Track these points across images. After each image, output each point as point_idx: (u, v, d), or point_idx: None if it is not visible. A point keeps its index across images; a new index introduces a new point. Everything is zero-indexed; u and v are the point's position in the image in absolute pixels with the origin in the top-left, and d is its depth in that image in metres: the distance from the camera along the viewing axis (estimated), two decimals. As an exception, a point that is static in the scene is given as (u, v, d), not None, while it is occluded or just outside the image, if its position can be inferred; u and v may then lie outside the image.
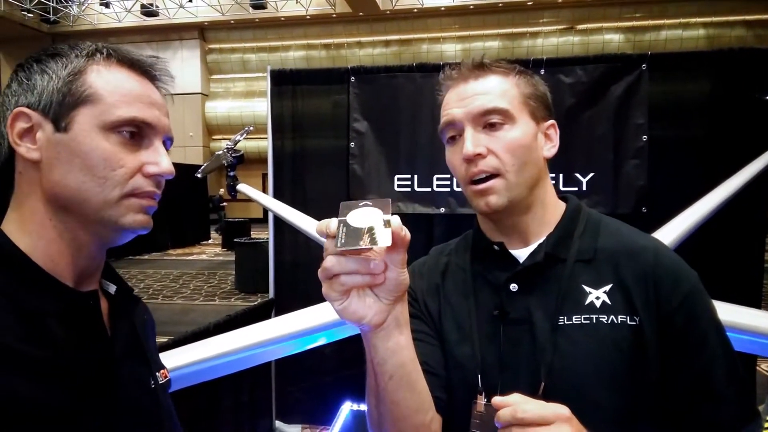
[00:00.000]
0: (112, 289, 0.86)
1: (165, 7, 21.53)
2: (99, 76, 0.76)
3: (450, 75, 0.99)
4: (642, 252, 0.91)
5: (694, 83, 3.06)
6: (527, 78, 0.99)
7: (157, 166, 0.77)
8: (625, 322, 0.87)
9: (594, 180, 3.03)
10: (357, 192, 3.31)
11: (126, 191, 0.75)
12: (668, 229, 2.27)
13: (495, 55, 4.64)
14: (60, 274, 0.75)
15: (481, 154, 0.91)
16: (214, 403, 2.72)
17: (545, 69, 3.04)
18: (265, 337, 1.97)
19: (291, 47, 22.63)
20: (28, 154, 0.74)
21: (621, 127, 3.03)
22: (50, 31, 22.84)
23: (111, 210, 0.75)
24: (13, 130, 0.75)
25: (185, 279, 10.65)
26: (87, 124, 0.74)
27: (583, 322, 0.88)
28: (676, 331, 0.86)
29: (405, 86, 3.26)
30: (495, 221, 0.98)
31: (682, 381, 0.86)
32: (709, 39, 19.04)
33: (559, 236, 0.95)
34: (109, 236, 0.78)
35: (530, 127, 0.95)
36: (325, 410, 3.30)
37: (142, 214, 0.78)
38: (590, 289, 0.90)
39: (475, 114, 0.93)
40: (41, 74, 0.76)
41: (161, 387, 0.88)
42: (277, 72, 3.50)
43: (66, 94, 0.74)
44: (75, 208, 0.75)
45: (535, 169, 0.95)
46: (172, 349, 1.94)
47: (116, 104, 0.75)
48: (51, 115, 0.74)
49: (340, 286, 0.68)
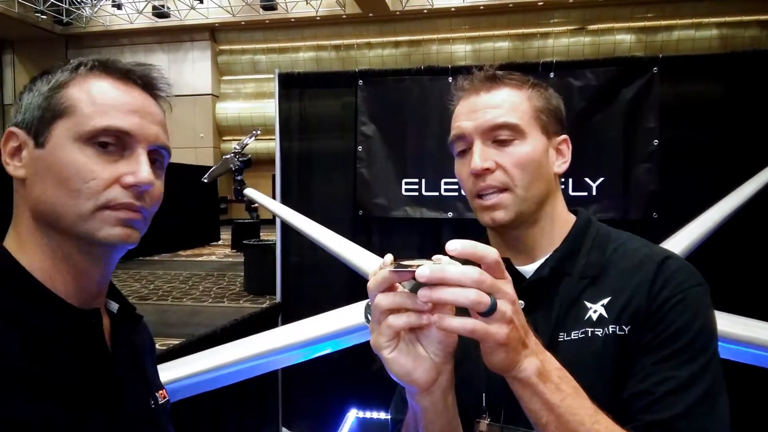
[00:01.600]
0: (115, 307, 0.85)
1: (176, 8, 21.67)
2: (79, 88, 0.74)
3: (462, 86, 0.98)
4: (648, 262, 0.88)
5: (707, 86, 3.02)
6: (540, 91, 0.97)
7: (133, 176, 0.73)
8: (615, 332, 0.84)
9: (604, 185, 2.99)
10: (364, 196, 3.30)
11: (100, 203, 0.72)
12: (679, 237, 2.23)
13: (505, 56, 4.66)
14: (61, 292, 0.74)
15: (489, 168, 0.90)
16: (220, 409, 2.72)
17: (555, 72, 3.01)
18: (272, 347, 1.96)
19: (301, 48, 22.68)
20: (15, 172, 0.75)
21: (631, 131, 2.98)
22: (63, 32, 23.08)
23: (86, 224, 0.72)
24: (5, 150, 0.75)
25: (195, 280, 10.69)
26: (62, 137, 0.73)
27: (579, 336, 0.86)
28: (653, 323, 0.82)
29: (413, 89, 3.24)
30: (502, 235, 0.97)
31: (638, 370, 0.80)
32: (722, 39, 18.83)
33: (566, 252, 0.93)
34: (94, 252, 0.76)
35: (541, 143, 0.93)
36: (331, 417, 3.29)
37: (120, 227, 0.73)
38: (590, 304, 0.88)
39: (484, 128, 0.91)
40: (28, 92, 0.76)
41: (160, 407, 0.87)
42: (285, 75, 3.49)
43: (45, 108, 0.74)
44: (55, 224, 0.73)
45: (545, 185, 0.93)
46: (179, 358, 1.94)
47: (91, 114, 0.73)
48: (32, 132, 0.74)
49: (387, 329, 0.67)
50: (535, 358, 0.68)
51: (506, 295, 0.64)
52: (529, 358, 0.68)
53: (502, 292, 0.64)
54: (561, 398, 0.69)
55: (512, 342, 0.65)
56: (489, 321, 0.63)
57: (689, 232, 2.25)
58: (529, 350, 0.68)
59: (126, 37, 23.32)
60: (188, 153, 20.76)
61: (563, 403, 0.69)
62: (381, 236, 3.31)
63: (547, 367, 0.70)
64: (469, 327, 0.63)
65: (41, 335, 0.70)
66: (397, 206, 3.26)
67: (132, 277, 10.75)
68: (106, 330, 0.81)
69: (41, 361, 0.68)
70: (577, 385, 0.72)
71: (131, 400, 0.80)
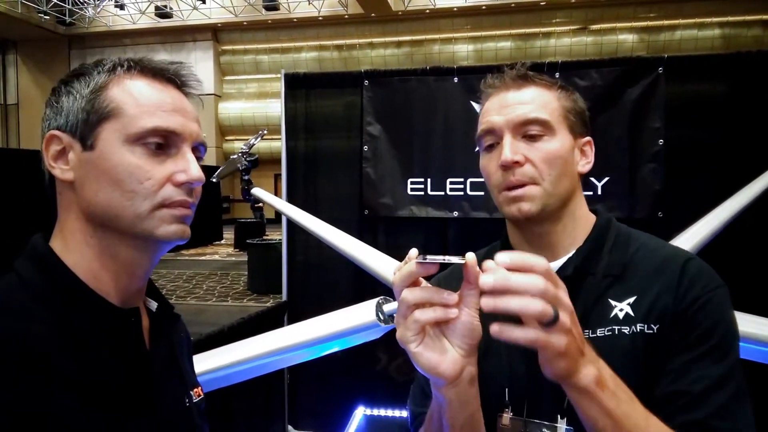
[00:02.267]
0: (154, 306, 0.87)
1: (179, 8, 21.70)
2: (120, 90, 0.76)
3: (492, 83, 0.99)
4: (671, 262, 0.90)
5: (712, 86, 3.02)
6: (568, 93, 0.99)
7: (185, 174, 0.76)
8: (643, 330, 0.86)
9: (609, 184, 3.00)
10: (370, 195, 3.31)
11: (156, 203, 0.75)
12: (686, 237, 2.24)
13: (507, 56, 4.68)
14: (103, 292, 0.76)
15: (519, 162, 0.91)
16: (227, 408, 2.73)
17: (560, 72, 3.02)
18: (280, 346, 1.98)
19: (303, 48, 22.69)
20: (62, 175, 0.76)
21: (637, 131, 2.99)
22: (66, 33, 23.11)
23: (144, 223, 0.75)
24: (48, 154, 0.76)
25: (198, 279, 10.70)
26: (111, 139, 0.74)
27: (606, 333, 0.87)
28: (682, 323, 0.84)
29: (418, 89, 3.26)
30: (525, 231, 0.98)
31: (670, 370, 0.83)
32: (725, 39, 18.80)
33: (589, 251, 0.95)
34: (148, 249, 0.78)
35: (568, 141, 0.95)
36: (338, 415, 3.30)
37: (177, 223, 0.77)
38: (615, 303, 0.89)
39: (515, 123, 0.93)
40: (67, 95, 0.77)
41: (195, 405, 0.88)
42: (290, 75, 3.51)
43: (89, 111, 0.75)
44: (110, 224, 0.75)
45: (570, 183, 0.95)
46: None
47: (138, 115, 0.75)
48: (78, 135, 0.75)
49: (414, 324, 0.68)
50: (593, 366, 0.70)
51: (566, 306, 0.65)
52: (587, 367, 0.69)
53: (562, 302, 0.65)
54: (617, 404, 0.71)
55: (571, 351, 0.67)
56: (550, 331, 0.64)
57: (695, 231, 2.26)
58: (586, 358, 0.69)
59: (128, 37, 23.35)
60: (191, 153, 20.76)
61: (619, 409, 0.70)
62: (387, 236, 3.32)
63: (604, 375, 0.71)
64: (532, 337, 0.64)
65: (81, 333, 0.71)
66: (402, 206, 3.27)
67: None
68: (144, 328, 0.82)
69: (80, 358, 0.69)
70: (629, 390, 0.73)
71: (167, 399, 0.81)
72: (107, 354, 0.73)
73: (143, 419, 0.75)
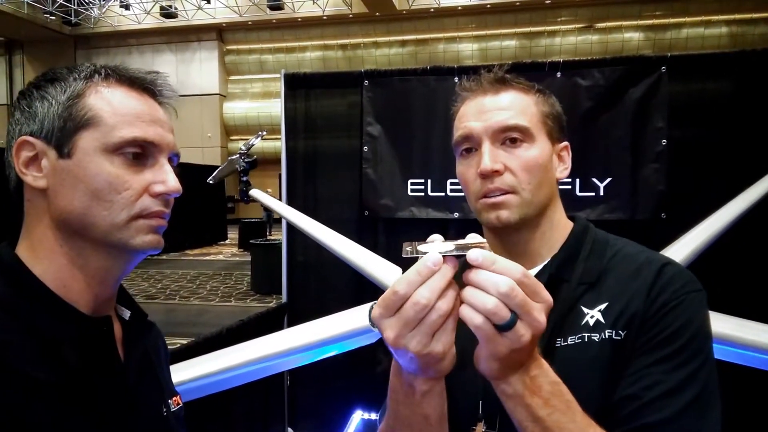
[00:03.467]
0: (127, 314, 0.85)
1: (184, 8, 21.77)
2: (98, 98, 0.75)
3: (468, 87, 0.96)
4: (646, 267, 0.87)
5: (716, 85, 2.98)
6: (545, 97, 0.96)
7: (163, 185, 0.76)
8: (611, 337, 0.83)
9: (612, 185, 2.97)
10: (370, 196, 3.29)
11: (134, 213, 0.74)
12: (689, 239, 2.21)
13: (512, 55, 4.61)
14: (73, 300, 0.74)
15: (498, 170, 0.89)
16: (226, 410, 2.72)
17: (562, 72, 2.98)
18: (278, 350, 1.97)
19: (307, 48, 22.73)
20: (34, 182, 0.74)
21: (640, 131, 2.95)
22: (72, 33, 23.25)
23: (119, 233, 0.74)
24: (18, 160, 0.74)
25: (202, 279, 10.74)
26: (89, 147, 0.73)
27: (576, 341, 0.85)
28: (648, 327, 0.81)
29: (418, 89, 3.23)
30: (502, 239, 0.95)
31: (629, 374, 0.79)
32: (731, 37, 18.68)
33: (564, 258, 0.92)
34: (121, 258, 0.78)
35: (547, 147, 0.93)
36: (336, 418, 3.28)
37: (152, 234, 0.77)
38: (587, 310, 0.87)
39: (495, 129, 0.90)
40: (41, 101, 0.75)
41: (173, 414, 0.86)
42: (290, 75, 3.49)
43: (66, 119, 0.73)
44: (84, 233, 0.74)
45: (549, 190, 0.93)
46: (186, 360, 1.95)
47: (117, 125, 0.74)
48: (54, 142, 0.73)
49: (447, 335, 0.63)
50: (527, 377, 0.67)
51: (533, 319, 0.61)
52: (520, 375, 0.67)
53: (529, 313, 0.61)
54: (549, 413, 0.68)
55: (509, 361, 0.64)
56: (501, 333, 0.61)
57: (698, 233, 2.23)
58: (523, 368, 0.67)
59: (134, 37, 23.46)
60: (195, 153, 20.86)
61: (550, 418, 0.68)
62: (387, 236, 3.30)
63: (539, 382, 0.68)
64: (477, 323, 0.61)
65: (52, 343, 0.70)
66: (403, 207, 3.25)
67: (140, 276, 10.81)
68: (117, 337, 0.80)
69: (51, 368, 0.68)
70: (571, 399, 0.70)
71: (143, 408, 0.80)
72: (79, 363, 0.71)
73: (119, 428, 0.74)
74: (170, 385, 0.91)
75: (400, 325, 0.62)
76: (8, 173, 0.77)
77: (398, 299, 0.62)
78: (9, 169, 0.76)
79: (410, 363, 0.65)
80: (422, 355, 0.62)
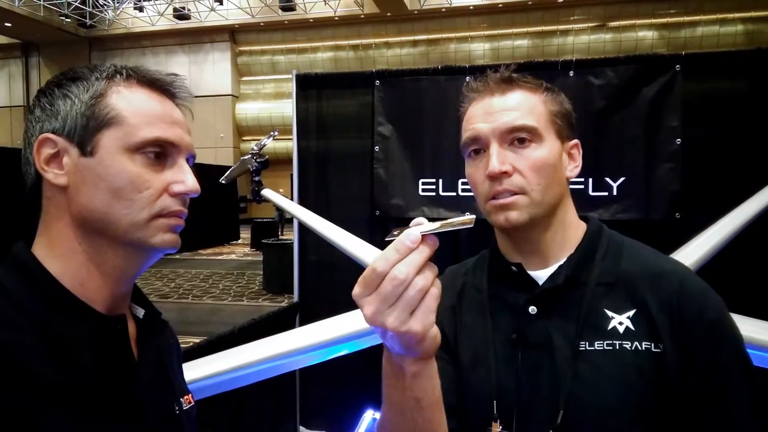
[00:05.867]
0: (141, 313, 0.86)
1: (197, 10, 21.94)
2: (120, 98, 0.76)
3: (475, 87, 0.96)
4: (666, 277, 0.87)
5: (732, 83, 2.94)
6: (554, 95, 0.96)
7: (183, 185, 0.77)
8: (650, 349, 0.83)
9: (625, 185, 2.94)
10: (381, 196, 3.29)
11: (154, 212, 0.75)
12: (704, 239, 2.18)
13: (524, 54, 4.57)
14: (89, 298, 0.75)
15: (507, 172, 0.88)
16: (238, 407, 2.74)
17: (574, 71, 2.96)
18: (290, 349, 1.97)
19: (319, 48, 22.78)
20: (55, 179, 0.74)
21: (653, 130, 2.93)
22: (87, 35, 23.52)
23: (140, 231, 0.75)
24: (39, 157, 0.75)
25: (215, 279, 10.81)
26: (112, 146, 0.74)
27: (606, 348, 0.84)
28: (699, 363, 0.82)
29: (430, 89, 3.22)
30: (514, 239, 0.95)
31: (705, 415, 0.81)
32: (747, 35, 18.43)
33: (580, 258, 0.92)
34: (139, 257, 0.79)
35: (556, 147, 0.92)
36: (348, 416, 3.29)
37: (171, 233, 0.78)
38: (612, 314, 0.86)
39: (502, 130, 0.90)
40: (63, 99, 0.76)
41: (185, 413, 0.87)
42: (302, 76, 3.50)
43: (89, 117, 0.74)
44: (104, 231, 0.75)
45: (559, 189, 0.92)
46: (198, 359, 1.96)
47: (139, 125, 0.75)
48: (76, 140, 0.74)
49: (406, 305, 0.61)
50: None
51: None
52: None
53: None
54: None
55: None
56: None
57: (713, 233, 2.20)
58: None
59: (147, 39, 23.67)
60: (208, 153, 20.99)
61: None
62: (398, 236, 3.29)
63: None
64: None
65: (66, 341, 0.70)
66: (414, 206, 3.24)
67: (154, 275, 10.91)
68: (131, 336, 0.81)
69: (65, 367, 0.69)
70: None
71: (155, 407, 0.80)
72: (93, 362, 0.72)
73: (130, 427, 0.74)
74: (182, 384, 0.92)
75: (378, 301, 0.61)
76: (25, 170, 0.77)
77: (376, 276, 0.61)
78: (27, 166, 0.77)
79: (392, 342, 0.65)
80: (401, 333, 0.62)
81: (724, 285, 1.04)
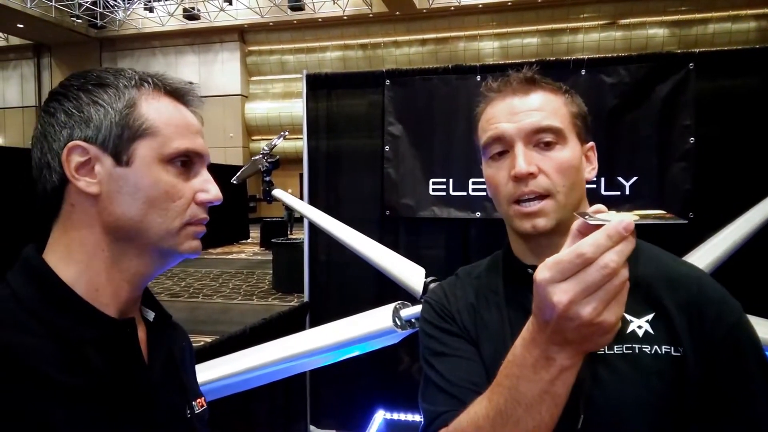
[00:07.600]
0: (151, 315, 0.86)
1: (206, 10, 22.04)
2: (151, 108, 0.77)
3: (496, 87, 0.95)
4: (685, 281, 0.86)
5: (746, 82, 2.91)
6: (573, 97, 0.95)
7: (208, 194, 0.80)
8: (669, 353, 0.82)
9: (638, 184, 2.92)
10: (391, 196, 3.29)
11: (185, 220, 0.78)
12: (718, 240, 2.16)
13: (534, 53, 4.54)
14: (102, 303, 0.75)
15: (533, 173, 0.87)
16: (249, 406, 2.75)
17: (586, 69, 2.94)
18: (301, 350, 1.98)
19: (328, 48, 22.80)
20: (87, 188, 0.74)
21: (666, 129, 2.90)
22: (97, 36, 23.69)
23: (172, 239, 0.78)
24: (70, 164, 0.74)
25: (225, 278, 10.85)
26: (147, 156, 0.75)
27: (625, 351, 0.83)
28: (719, 367, 0.81)
29: (440, 88, 3.21)
30: (530, 243, 0.94)
31: (726, 418, 0.81)
32: (760, 32, 18.21)
33: None
34: (162, 262, 0.81)
35: (578, 148, 0.92)
36: (359, 416, 3.29)
37: (196, 240, 0.81)
38: (631, 318, 0.85)
39: (528, 131, 0.89)
40: (94, 106, 0.75)
41: (197, 416, 0.86)
42: (312, 76, 3.50)
43: (124, 127, 0.75)
44: (135, 238, 0.76)
45: (580, 192, 0.92)
46: (210, 360, 1.97)
47: (172, 136, 0.77)
48: (110, 149, 0.74)
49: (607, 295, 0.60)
50: None
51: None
52: None
53: None
54: None
55: None
56: None
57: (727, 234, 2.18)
58: None
59: (157, 39, 23.80)
60: (218, 153, 21.09)
61: None
62: (408, 236, 3.29)
63: None
64: None
65: (75, 345, 0.71)
66: (424, 206, 3.24)
67: (164, 274, 10.97)
68: (141, 339, 0.81)
69: (74, 370, 0.69)
70: None
71: (166, 410, 0.80)
72: (103, 365, 0.72)
73: (139, 428, 0.74)
74: (195, 387, 0.92)
75: (579, 290, 0.59)
76: (43, 174, 0.76)
77: (582, 262, 0.59)
78: (47, 170, 0.75)
79: (573, 333, 0.62)
80: (592, 324, 0.60)
81: (738, 287, 1.03)
